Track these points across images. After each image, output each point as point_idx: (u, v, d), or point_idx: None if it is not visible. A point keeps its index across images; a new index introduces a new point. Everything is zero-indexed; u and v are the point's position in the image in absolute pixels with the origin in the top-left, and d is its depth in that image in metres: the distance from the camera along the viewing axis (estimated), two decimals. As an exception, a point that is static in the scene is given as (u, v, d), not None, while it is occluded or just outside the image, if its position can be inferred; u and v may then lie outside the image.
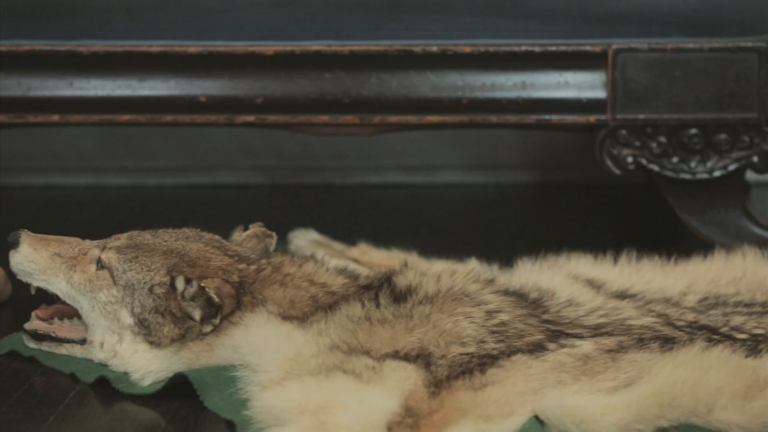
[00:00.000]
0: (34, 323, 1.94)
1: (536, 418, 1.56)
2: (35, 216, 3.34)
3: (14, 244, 1.91)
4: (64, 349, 1.92)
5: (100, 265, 1.86)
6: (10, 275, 2.25)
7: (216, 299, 1.75)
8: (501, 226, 3.26)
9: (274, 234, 2.04)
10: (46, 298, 1.95)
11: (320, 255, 2.21)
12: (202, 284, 1.75)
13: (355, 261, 2.45)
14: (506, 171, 3.75)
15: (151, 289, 1.81)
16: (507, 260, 2.34)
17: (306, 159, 3.75)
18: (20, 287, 2.27)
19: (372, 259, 2.48)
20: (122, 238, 1.89)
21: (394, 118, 2.44)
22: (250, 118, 2.46)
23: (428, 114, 2.43)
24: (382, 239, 2.62)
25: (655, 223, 3.28)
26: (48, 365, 1.90)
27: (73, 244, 1.91)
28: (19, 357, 1.95)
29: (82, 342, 1.90)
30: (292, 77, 2.43)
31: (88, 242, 1.93)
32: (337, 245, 2.60)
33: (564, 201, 3.55)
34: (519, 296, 1.87)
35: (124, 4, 2.47)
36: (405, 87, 2.42)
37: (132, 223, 3.25)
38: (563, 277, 2.00)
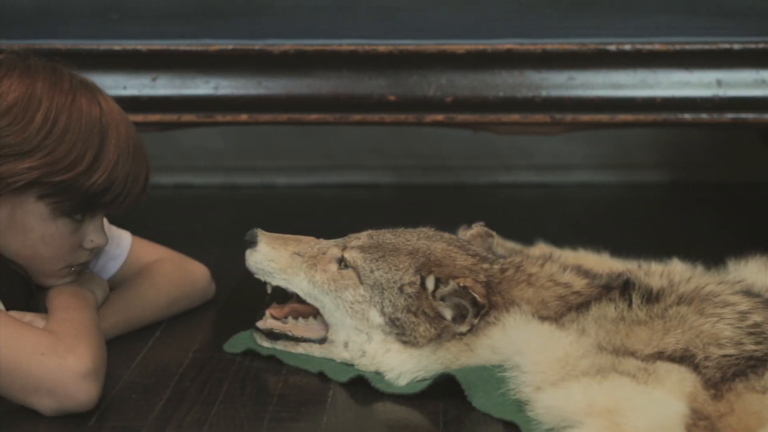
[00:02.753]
0: (269, 322, 1.93)
1: (831, 420, 1.54)
2: (168, 216, 3.35)
3: (252, 243, 1.90)
4: (301, 349, 1.91)
5: (344, 264, 1.85)
6: (217, 274, 2.27)
7: (480, 299, 1.73)
8: (635, 226, 3.23)
9: (495, 233, 2.03)
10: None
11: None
12: (462, 284, 1.74)
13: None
14: (639, 170, 3.72)
15: (401, 289, 1.80)
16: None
17: (437, 158, 3.74)
18: (221, 287, 2.28)
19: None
20: (362, 238, 1.88)
21: (585, 117, 2.42)
22: (439, 117, 2.44)
23: (621, 113, 2.41)
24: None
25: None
26: (291, 365, 1.89)
27: (311, 243, 1.90)
28: (255, 356, 1.94)
29: (321, 341, 1.88)
30: (483, 76, 2.42)
31: (324, 241, 1.92)
32: (512, 244, 2.58)
33: (697, 200, 3.52)
34: (759, 296, 1.84)
35: (312, 3, 2.47)
36: (597, 85, 2.40)
37: (264, 222, 3.28)
38: (790, 278, 1.97)
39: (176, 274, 2.14)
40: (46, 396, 1.61)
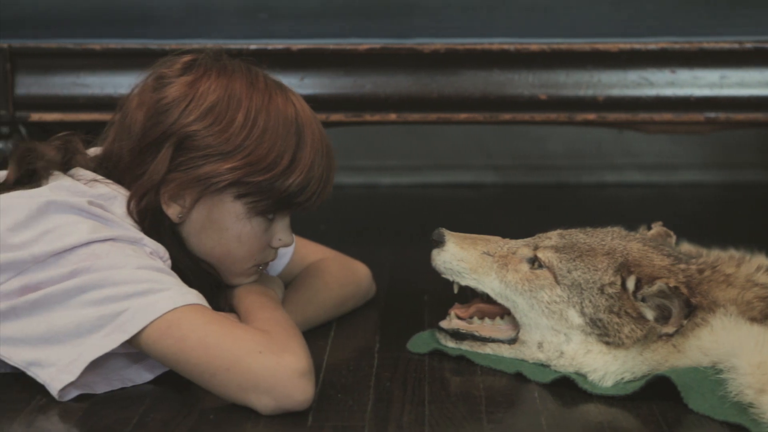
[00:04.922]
0: (454, 322, 1.92)
1: None
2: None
3: (440, 243, 1.89)
4: (488, 349, 1.89)
5: (537, 264, 1.83)
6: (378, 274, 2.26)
7: (693, 300, 1.71)
8: (744, 225, 3.20)
9: (673, 233, 2.01)
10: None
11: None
12: (672, 285, 1.71)
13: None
14: (745, 170, 3.69)
15: (601, 289, 1.78)
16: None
17: (541, 158, 3.72)
18: (380, 288, 2.27)
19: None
20: (553, 238, 1.86)
21: (740, 116, 2.40)
22: (591, 116, 2.42)
23: (776, 112, 2.39)
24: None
25: None
26: (483, 365, 1.87)
27: (499, 243, 1.89)
28: (442, 356, 1.92)
29: (511, 341, 1.87)
30: (635, 75, 2.40)
31: (512, 241, 1.90)
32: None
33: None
34: None
35: (463, 2, 2.46)
36: (753, 84, 2.38)
37: (370, 222, 3.27)
38: None
39: (343, 273, 2.13)
40: (264, 394, 1.60)
